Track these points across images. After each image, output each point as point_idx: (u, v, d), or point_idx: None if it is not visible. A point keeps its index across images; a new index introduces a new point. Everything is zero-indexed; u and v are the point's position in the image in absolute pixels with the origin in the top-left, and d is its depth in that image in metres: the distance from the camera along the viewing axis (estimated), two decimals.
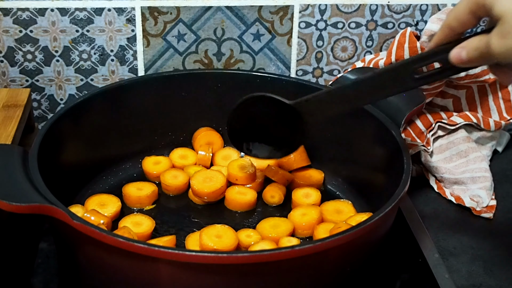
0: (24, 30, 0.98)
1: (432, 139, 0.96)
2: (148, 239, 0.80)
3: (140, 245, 0.63)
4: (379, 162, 0.86)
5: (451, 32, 0.67)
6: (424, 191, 0.95)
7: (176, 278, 0.65)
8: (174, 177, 0.91)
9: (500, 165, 1.00)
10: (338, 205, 0.87)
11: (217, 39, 1.03)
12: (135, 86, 0.94)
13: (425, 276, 0.78)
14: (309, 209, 0.86)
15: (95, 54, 1.01)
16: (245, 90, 0.95)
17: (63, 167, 0.85)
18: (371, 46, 1.06)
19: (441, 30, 0.68)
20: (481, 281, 0.79)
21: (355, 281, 0.73)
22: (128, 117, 0.93)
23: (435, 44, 0.69)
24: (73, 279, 0.76)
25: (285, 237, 0.81)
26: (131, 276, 0.66)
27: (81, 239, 0.66)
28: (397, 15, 1.04)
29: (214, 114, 0.98)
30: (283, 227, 0.83)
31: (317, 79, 1.08)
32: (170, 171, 0.92)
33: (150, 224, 0.82)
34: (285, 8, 1.02)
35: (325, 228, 0.82)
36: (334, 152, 0.94)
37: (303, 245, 0.66)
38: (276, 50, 1.05)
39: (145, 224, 0.82)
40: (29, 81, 1.02)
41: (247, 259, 0.63)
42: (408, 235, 0.83)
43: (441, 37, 0.68)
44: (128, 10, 0.99)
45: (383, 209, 0.70)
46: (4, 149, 0.76)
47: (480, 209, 0.90)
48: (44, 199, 0.68)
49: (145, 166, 0.94)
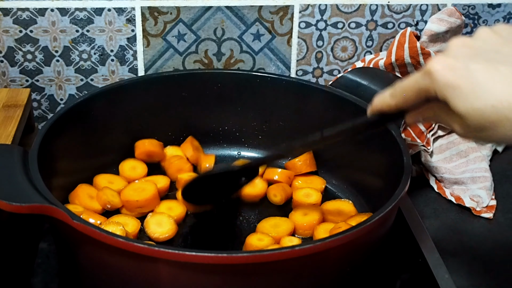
0: (24, 30, 0.98)
1: (432, 139, 0.96)
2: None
3: (140, 245, 0.63)
4: (379, 162, 0.86)
5: (393, 108, 0.64)
6: (424, 191, 0.95)
7: (176, 278, 0.65)
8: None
9: (500, 165, 1.00)
10: (339, 205, 0.87)
11: (217, 39, 1.03)
12: (135, 86, 0.94)
13: (425, 276, 0.78)
14: (310, 209, 0.86)
15: (95, 54, 1.01)
16: (245, 90, 0.96)
17: (63, 167, 0.84)
18: (371, 46, 1.06)
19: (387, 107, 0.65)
20: (481, 281, 0.79)
21: (355, 281, 0.73)
22: (128, 117, 0.93)
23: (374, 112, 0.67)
24: (73, 279, 0.76)
25: (286, 237, 0.81)
26: (131, 276, 0.66)
27: (81, 239, 0.66)
28: (397, 15, 1.04)
29: (214, 114, 0.98)
30: (283, 226, 0.83)
31: (317, 79, 1.08)
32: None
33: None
34: (285, 8, 1.02)
35: (325, 228, 0.82)
36: (334, 152, 0.94)
37: (303, 245, 0.66)
38: (276, 50, 1.05)
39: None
40: (29, 81, 1.02)
41: (247, 259, 0.63)
42: (408, 235, 0.83)
43: (386, 110, 0.65)
44: (128, 10, 0.99)
45: (383, 209, 0.70)
46: (4, 149, 0.76)
47: (480, 209, 0.90)
48: (44, 199, 0.68)
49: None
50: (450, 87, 0.56)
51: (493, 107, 0.54)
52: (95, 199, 0.85)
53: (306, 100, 0.94)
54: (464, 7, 1.05)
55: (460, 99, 0.55)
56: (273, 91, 0.96)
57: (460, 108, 0.56)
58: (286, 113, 0.96)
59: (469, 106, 0.55)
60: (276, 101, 0.95)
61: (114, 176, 0.91)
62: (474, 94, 0.55)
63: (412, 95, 0.61)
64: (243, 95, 0.97)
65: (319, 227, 0.83)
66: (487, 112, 0.54)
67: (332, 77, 1.08)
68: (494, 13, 1.06)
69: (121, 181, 0.89)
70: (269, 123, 0.97)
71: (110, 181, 0.89)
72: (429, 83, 0.58)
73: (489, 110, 0.54)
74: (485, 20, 1.06)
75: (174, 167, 0.92)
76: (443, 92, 0.56)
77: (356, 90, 0.91)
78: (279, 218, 0.85)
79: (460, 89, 0.55)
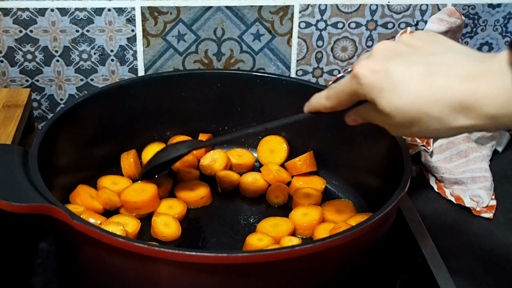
0: (24, 30, 0.98)
1: (432, 139, 0.96)
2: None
3: (140, 245, 0.63)
4: (379, 162, 0.86)
5: (329, 109, 0.68)
6: (424, 191, 0.95)
7: (176, 278, 0.65)
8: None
9: (500, 165, 1.00)
10: (339, 205, 0.87)
11: (217, 39, 1.03)
12: (135, 86, 0.94)
13: (425, 276, 0.78)
14: (310, 209, 0.86)
15: (95, 54, 1.01)
16: (245, 90, 0.96)
17: (63, 167, 0.85)
18: (371, 46, 1.06)
19: (322, 107, 0.68)
20: (481, 281, 0.79)
21: (355, 281, 0.73)
22: (128, 117, 0.93)
23: (310, 111, 0.71)
24: (73, 279, 0.76)
25: (286, 237, 0.81)
26: (131, 276, 0.66)
27: (81, 239, 0.66)
28: (397, 15, 1.04)
29: (214, 114, 0.98)
30: (283, 226, 0.83)
31: (317, 79, 1.08)
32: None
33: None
34: (285, 8, 1.02)
35: (325, 228, 0.82)
36: (334, 152, 0.94)
37: (303, 245, 0.66)
38: (276, 50, 1.05)
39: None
40: (29, 81, 1.02)
41: (247, 259, 0.63)
42: (408, 235, 0.83)
43: (322, 110, 0.69)
44: (128, 10, 0.99)
45: (383, 209, 0.70)
46: (4, 149, 0.76)
47: (480, 209, 0.90)
48: (44, 199, 0.68)
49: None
50: (375, 88, 0.60)
51: (412, 103, 0.58)
52: (95, 199, 0.85)
53: (306, 100, 0.93)
54: (464, 7, 1.05)
55: (384, 99, 0.59)
56: (273, 91, 0.96)
57: (386, 107, 0.59)
58: (286, 113, 0.95)
59: (392, 105, 0.59)
60: (276, 101, 0.95)
61: (118, 177, 0.91)
62: (395, 93, 0.59)
63: (345, 97, 0.65)
64: (243, 95, 0.97)
65: (319, 227, 0.83)
66: (408, 110, 0.58)
67: (332, 77, 1.08)
68: (494, 13, 1.06)
69: (125, 181, 0.90)
70: None
71: (114, 182, 0.89)
72: (357, 86, 0.61)
73: (409, 107, 0.58)
74: (485, 20, 1.07)
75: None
76: (369, 94, 0.60)
77: None
78: (279, 218, 0.85)
79: (383, 90, 0.59)
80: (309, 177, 0.94)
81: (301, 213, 0.85)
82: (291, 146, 0.97)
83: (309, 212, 0.85)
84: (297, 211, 0.86)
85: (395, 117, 0.60)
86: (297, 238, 0.82)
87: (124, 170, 0.92)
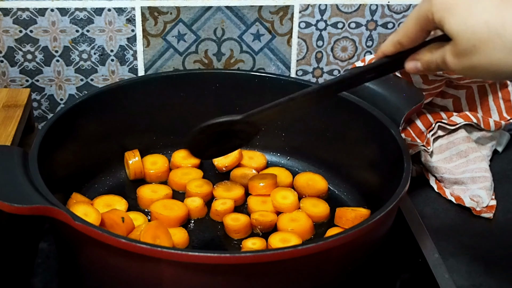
0: (24, 30, 0.98)
1: (432, 139, 0.96)
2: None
3: (142, 245, 0.63)
4: (379, 162, 0.86)
5: (401, 48, 0.67)
6: (424, 191, 0.95)
7: (178, 278, 0.65)
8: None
9: (500, 165, 1.00)
10: (310, 177, 0.92)
11: (217, 39, 1.03)
12: (135, 86, 0.94)
13: (425, 276, 0.78)
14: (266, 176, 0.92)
15: (95, 54, 1.01)
16: (245, 90, 0.96)
17: (63, 167, 0.84)
18: (371, 46, 1.06)
19: (391, 45, 0.68)
20: (481, 281, 0.79)
21: (355, 280, 0.73)
22: (128, 117, 0.93)
23: (383, 54, 0.70)
24: (73, 279, 0.76)
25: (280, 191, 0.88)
26: (133, 277, 0.66)
27: (82, 239, 0.66)
28: (397, 15, 1.04)
29: (213, 114, 0.97)
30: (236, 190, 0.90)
31: (317, 79, 1.08)
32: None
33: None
34: (285, 8, 1.02)
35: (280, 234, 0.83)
36: (334, 152, 0.94)
37: (304, 245, 0.66)
38: (276, 50, 1.05)
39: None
40: (29, 81, 1.02)
41: (248, 259, 0.64)
42: (408, 235, 0.83)
43: (391, 50, 0.68)
44: (128, 10, 0.99)
45: (383, 209, 0.70)
46: (4, 151, 0.76)
47: (480, 209, 0.90)
48: (45, 200, 0.68)
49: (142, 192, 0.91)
50: (447, 7, 0.60)
51: (485, 23, 0.57)
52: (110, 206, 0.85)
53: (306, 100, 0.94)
54: None
55: (454, 17, 0.59)
56: (272, 91, 0.95)
57: (454, 27, 0.59)
58: None
59: (462, 24, 0.59)
60: None
61: (112, 196, 0.89)
62: (468, 11, 0.58)
63: (413, 25, 0.64)
64: (243, 95, 0.96)
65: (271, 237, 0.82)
66: (479, 29, 0.58)
67: (332, 77, 1.08)
68: None
69: (165, 189, 0.91)
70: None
71: (154, 190, 0.90)
72: (427, 7, 0.61)
73: (481, 27, 0.57)
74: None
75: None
76: (439, 13, 0.60)
77: (356, 90, 0.91)
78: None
79: (455, 8, 0.59)
80: (312, 177, 0.94)
81: (258, 177, 0.91)
82: (291, 146, 0.97)
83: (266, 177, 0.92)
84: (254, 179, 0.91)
85: (462, 40, 0.59)
86: (296, 237, 0.81)
87: (131, 166, 0.92)
